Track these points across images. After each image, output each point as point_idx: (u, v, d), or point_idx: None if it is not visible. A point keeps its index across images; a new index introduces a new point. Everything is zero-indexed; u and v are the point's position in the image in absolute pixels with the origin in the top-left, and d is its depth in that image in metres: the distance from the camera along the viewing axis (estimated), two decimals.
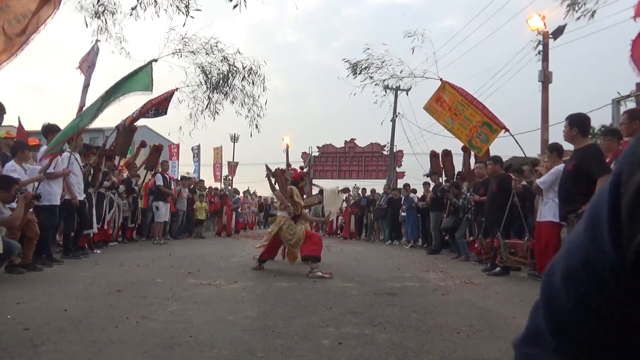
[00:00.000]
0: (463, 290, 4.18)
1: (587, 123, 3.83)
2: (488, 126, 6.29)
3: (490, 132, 6.31)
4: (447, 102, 6.64)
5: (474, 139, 6.47)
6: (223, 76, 7.55)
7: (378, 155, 27.57)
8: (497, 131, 6.26)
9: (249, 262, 6.00)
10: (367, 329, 2.69)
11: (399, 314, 3.10)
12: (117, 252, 6.70)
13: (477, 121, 6.36)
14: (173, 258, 6.14)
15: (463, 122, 6.54)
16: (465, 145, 7.18)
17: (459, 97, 6.47)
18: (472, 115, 6.40)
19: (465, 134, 6.57)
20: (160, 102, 7.26)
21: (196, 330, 2.56)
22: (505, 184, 5.49)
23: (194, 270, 4.99)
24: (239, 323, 2.75)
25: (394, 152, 23.41)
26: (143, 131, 11.72)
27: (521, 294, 4.03)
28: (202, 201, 11.05)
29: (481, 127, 6.35)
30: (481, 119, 6.31)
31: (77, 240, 6.11)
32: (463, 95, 6.46)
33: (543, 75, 11.05)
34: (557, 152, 4.81)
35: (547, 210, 4.79)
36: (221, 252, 7.21)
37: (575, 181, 3.65)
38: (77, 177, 5.75)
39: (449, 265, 6.30)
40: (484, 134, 6.36)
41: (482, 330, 2.71)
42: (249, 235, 12.82)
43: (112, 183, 7.60)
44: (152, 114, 7.31)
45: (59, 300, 3.22)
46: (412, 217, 9.86)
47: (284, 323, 2.77)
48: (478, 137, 6.43)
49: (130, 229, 8.92)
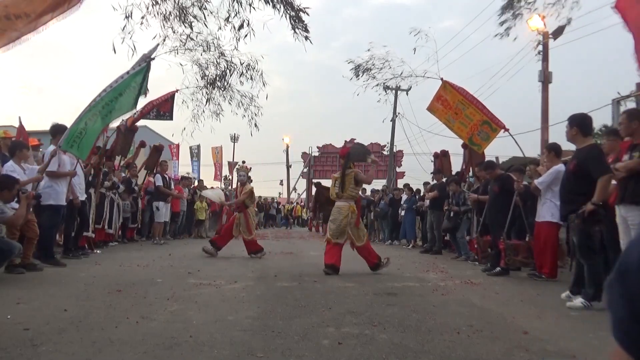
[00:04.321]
0: (463, 290, 4.17)
1: (588, 123, 3.82)
2: (488, 125, 6.31)
3: (491, 131, 6.34)
4: (448, 100, 6.66)
5: (475, 136, 6.50)
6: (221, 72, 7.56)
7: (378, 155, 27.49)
8: (497, 130, 6.28)
9: (250, 263, 6.00)
10: (367, 329, 2.68)
11: (399, 314, 3.10)
12: (117, 253, 6.70)
13: (477, 120, 6.38)
14: (173, 258, 6.14)
15: (463, 121, 6.56)
16: (465, 143, 7.20)
17: (459, 97, 6.48)
18: (472, 114, 6.42)
19: (466, 132, 6.59)
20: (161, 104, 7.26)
21: (196, 330, 2.55)
22: (507, 184, 5.48)
23: (194, 270, 4.99)
24: (239, 323, 2.75)
25: (394, 152, 23.38)
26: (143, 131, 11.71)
27: (521, 294, 4.02)
28: (202, 201, 11.06)
29: (482, 126, 6.37)
30: (481, 118, 6.33)
31: (78, 241, 6.12)
32: (463, 95, 6.47)
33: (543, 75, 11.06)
34: (555, 152, 4.81)
35: (545, 211, 4.78)
36: (221, 252, 7.21)
37: (576, 181, 3.64)
38: (78, 178, 5.75)
39: (449, 265, 6.30)
40: (484, 132, 6.38)
41: (482, 330, 2.71)
42: None
43: (112, 183, 7.60)
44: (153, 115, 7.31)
45: (59, 300, 3.22)
46: (411, 217, 9.85)
47: (284, 323, 2.77)
48: (479, 135, 6.45)
49: (131, 229, 8.92)
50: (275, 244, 9.68)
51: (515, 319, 3.04)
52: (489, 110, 6.33)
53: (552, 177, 4.61)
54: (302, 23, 6.21)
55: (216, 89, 7.82)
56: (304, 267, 5.61)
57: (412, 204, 9.84)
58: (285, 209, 23.46)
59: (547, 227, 4.78)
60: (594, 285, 3.40)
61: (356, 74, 7.96)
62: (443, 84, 6.63)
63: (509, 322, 2.96)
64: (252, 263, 5.95)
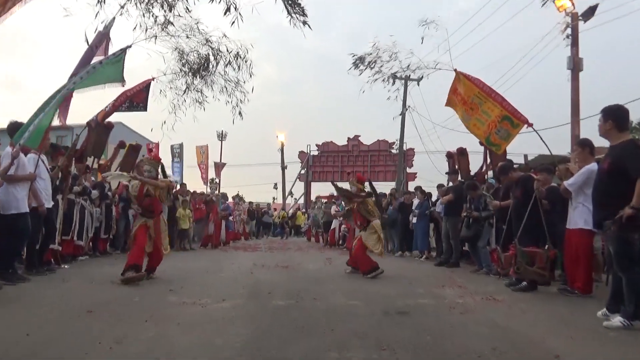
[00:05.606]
0: (484, 308, 4.17)
1: (624, 116, 3.81)
2: (509, 121, 6.28)
3: (512, 128, 6.30)
4: (462, 94, 6.66)
5: (492, 135, 6.48)
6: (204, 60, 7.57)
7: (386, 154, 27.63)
8: (519, 126, 6.25)
9: (240, 278, 5.99)
10: (375, 353, 2.67)
11: (411, 335, 3.09)
12: (88, 267, 6.68)
13: (496, 115, 6.36)
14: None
15: (480, 117, 6.55)
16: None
17: (474, 89, 6.48)
18: (490, 109, 6.40)
19: (483, 131, 6.58)
20: (135, 94, 7.26)
21: (179, 356, 2.54)
22: (530, 187, 5.47)
23: (176, 287, 4.98)
24: (228, 348, 2.74)
25: (403, 150, 23.36)
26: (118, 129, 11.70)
27: (551, 313, 4.01)
28: (186, 208, 11.05)
29: (501, 122, 6.34)
30: (501, 112, 6.30)
31: (43, 254, 6.09)
32: (479, 87, 6.46)
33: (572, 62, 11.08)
34: (589, 149, 4.79)
35: (577, 216, 4.77)
36: (207, 267, 7.19)
37: (611, 182, 3.63)
38: (44, 182, 5.71)
39: (467, 279, 6.29)
40: (503, 129, 6.35)
41: (507, 353, 2.70)
42: (239, 247, 12.81)
43: (83, 188, 7.59)
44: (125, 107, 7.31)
45: (20, 323, 3.20)
46: (423, 224, 9.83)
47: (280, 347, 2.75)
48: (497, 134, 6.43)
49: (104, 240, 8.90)
50: (270, 257, 9.67)
51: (544, 341, 3.03)
52: (509, 103, 6.30)
53: (584, 178, 4.60)
54: (298, 6, 6.23)
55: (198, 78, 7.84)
56: (302, 283, 5.59)
57: (424, 210, 9.83)
58: (281, 216, 23.38)
59: (579, 235, 4.76)
60: (634, 302, 3.38)
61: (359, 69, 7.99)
62: (457, 75, 6.63)
63: (538, 345, 2.95)
64: (242, 278, 5.94)
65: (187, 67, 7.71)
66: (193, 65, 7.71)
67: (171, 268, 6.80)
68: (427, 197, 10.32)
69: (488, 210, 7.03)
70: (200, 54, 7.60)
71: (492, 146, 6.67)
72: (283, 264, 8.00)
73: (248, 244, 15.01)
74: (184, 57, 7.59)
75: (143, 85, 7.37)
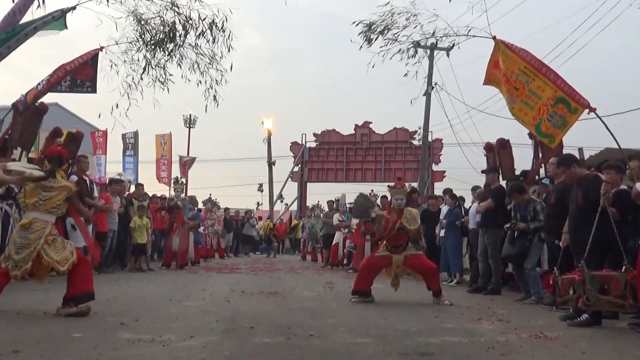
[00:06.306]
0: (533, 349, 4.17)
1: None
2: (565, 104, 6.28)
3: (569, 113, 6.30)
4: (502, 70, 6.68)
5: (544, 122, 6.46)
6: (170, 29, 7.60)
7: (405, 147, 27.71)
8: (578, 111, 6.25)
9: (214, 308, 5.99)
10: None
11: None
12: (13, 293, 6.67)
13: (548, 97, 6.36)
14: (98, 302, 6.11)
15: (528, 100, 6.54)
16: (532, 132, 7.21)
17: (520, 63, 6.48)
18: (540, 88, 6.40)
19: (532, 116, 6.57)
20: (78, 69, 7.25)
21: None
22: (594, 191, 5.43)
23: (129, 319, 4.98)
24: None
25: (428, 141, 23.42)
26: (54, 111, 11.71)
27: (620, 354, 4.02)
28: (142, 216, 11.05)
29: (554, 106, 6.33)
30: (554, 93, 6.30)
31: None
32: (526, 61, 6.46)
33: None
34: None
35: None
36: (171, 293, 7.19)
37: None
38: None
39: (511, 310, 6.33)
40: (558, 115, 6.34)
41: None
42: (212, 267, 12.82)
43: (6, 189, 7.58)
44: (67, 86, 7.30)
45: None
46: (454, 238, 9.84)
47: None
48: (550, 121, 6.42)
49: None
50: (252, 280, 9.69)
51: None
52: (565, 81, 6.31)
53: None
54: None
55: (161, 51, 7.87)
56: (294, 315, 5.61)
57: (455, 219, 9.84)
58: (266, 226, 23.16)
59: None
60: None
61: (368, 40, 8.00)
62: (496, 44, 6.66)
63: None
64: (216, 308, 5.95)
65: (148, 37, 7.73)
66: (154, 35, 7.74)
67: (123, 295, 6.81)
68: (459, 203, 10.35)
69: (539, 220, 7.05)
70: (164, 21, 7.62)
71: (545, 137, 6.66)
72: (270, 289, 8.02)
73: (224, 263, 15.02)
74: (144, 25, 7.61)
75: (88, 56, 7.36)
